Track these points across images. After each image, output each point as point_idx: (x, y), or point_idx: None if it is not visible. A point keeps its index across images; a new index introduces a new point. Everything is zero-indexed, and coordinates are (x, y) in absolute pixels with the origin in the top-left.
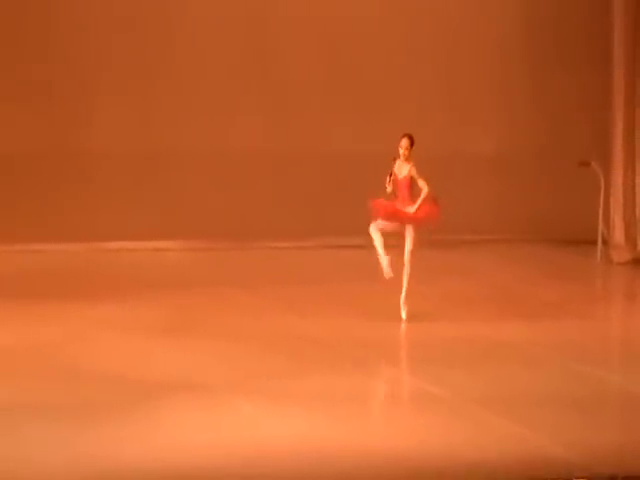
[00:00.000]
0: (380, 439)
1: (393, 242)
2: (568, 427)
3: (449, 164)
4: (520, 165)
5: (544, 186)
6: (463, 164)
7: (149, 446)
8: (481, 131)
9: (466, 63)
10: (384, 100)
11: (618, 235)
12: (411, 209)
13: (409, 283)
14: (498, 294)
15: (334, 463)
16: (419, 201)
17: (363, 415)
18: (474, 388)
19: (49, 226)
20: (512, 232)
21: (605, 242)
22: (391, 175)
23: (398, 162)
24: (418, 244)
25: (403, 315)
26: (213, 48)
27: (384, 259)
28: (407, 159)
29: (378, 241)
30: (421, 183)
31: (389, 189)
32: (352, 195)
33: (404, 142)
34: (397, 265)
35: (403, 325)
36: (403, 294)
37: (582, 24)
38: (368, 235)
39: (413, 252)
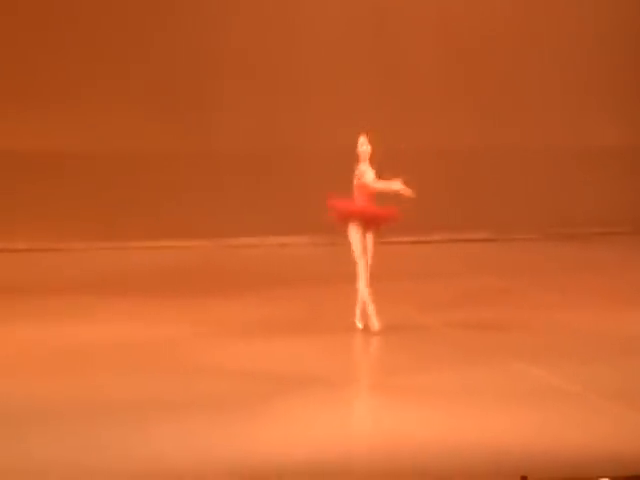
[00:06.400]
0: (512, 434)
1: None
2: None
3: (570, 157)
4: None
5: None
6: (585, 157)
7: (276, 441)
8: (603, 123)
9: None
10: (506, 93)
11: None
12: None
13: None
14: (627, 287)
15: (461, 457)
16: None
17: (493, 410)
18: (607, 383)
19: (175, 223)
20: (637, 224)
21: None
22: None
23: (362, 163)
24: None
25: (376, 326)
26: (333, 53)
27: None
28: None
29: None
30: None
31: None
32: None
33: (365, 140)
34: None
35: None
36: (371, 306)
37: None
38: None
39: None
